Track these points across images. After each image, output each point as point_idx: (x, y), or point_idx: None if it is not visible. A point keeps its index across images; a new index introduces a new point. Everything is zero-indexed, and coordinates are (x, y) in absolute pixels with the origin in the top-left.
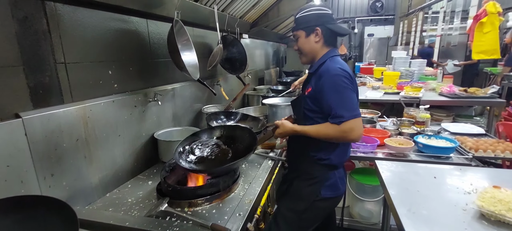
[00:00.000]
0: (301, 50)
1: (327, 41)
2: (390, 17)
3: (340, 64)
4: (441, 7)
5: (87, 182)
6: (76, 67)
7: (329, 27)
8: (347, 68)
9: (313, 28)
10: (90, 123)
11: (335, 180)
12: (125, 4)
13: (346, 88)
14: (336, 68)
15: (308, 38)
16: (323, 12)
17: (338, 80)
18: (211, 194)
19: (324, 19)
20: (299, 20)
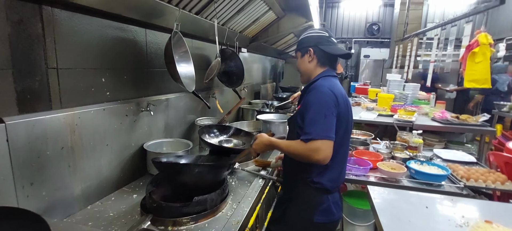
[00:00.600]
0: (299, 70)
1: (321, 61)
2: (386, 40)
3: (330, 85)
4: (435, 35)
5: (68, 192)
6: (68, 73)
7: (321, 48)
8: (338, 90)
9: (306, 49)
10: (77, 131)
11: (329, 205)
12: (125, 13)
13: (325, 108)
14: (324, 86)
15: (302, 59)
16: (318, 34)
17: (321, 98)
18: (197, 213)
19: (317, 40)
20: (298, 42)
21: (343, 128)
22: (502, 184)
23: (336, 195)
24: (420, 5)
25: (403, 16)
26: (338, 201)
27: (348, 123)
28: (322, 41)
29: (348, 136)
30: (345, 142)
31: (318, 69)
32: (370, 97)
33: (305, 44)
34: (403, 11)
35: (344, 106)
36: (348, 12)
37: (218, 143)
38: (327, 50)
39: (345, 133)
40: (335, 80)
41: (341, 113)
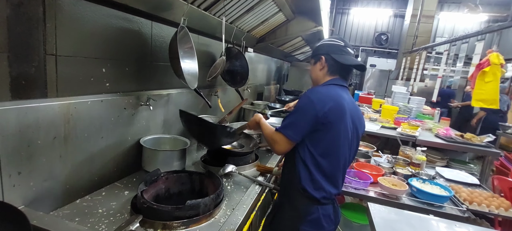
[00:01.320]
0: (311, 78)
1: (331, 70)
2: (393, 51)
3: (324, 91)
4: (445, 50)
5: (57, 184)
6: (67, 61)
7: (333, 57)
8: (334, 97)
9: (319, 57)
10: (72, 121)
11: (318, 217)
12: (132, 4)
13: (300, 110)
14: (314, 91)
15: (315, 66)
16: (332, 43)
17: (302, 100)
18: (189, 217)
19: (331, 49)
20: (313, 50)
21: (330, 135)
22: (506, 211)
23: (328, 208)
24: (430, 19)
25: (413, 29)
26: (331, 215)
27: (343, 132)
28: (335, 50)
29: (343, 147)
30: (336, 152)
31: (327, 77)
32: (373, 107)
33: (318, 51)
34: (413, 23)
35: (337, 114)
36: (358, 20)
37: None
38: (339, 59)
39: (336, 140)
40: (339, 88)
41: (329, 119)
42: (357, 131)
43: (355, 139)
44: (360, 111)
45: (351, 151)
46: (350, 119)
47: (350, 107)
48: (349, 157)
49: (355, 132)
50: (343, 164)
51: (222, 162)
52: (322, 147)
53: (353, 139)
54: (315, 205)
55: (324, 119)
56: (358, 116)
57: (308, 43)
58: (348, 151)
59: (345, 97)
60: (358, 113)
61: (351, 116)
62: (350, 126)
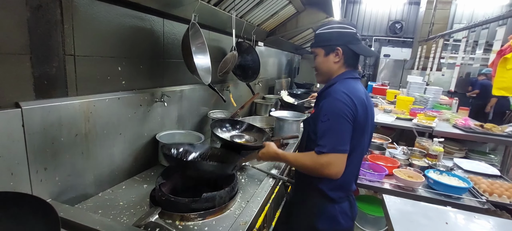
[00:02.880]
0: (318, 69)
1: (347, 62)
2: (408, 40)
3: (347, 89)
4: (463, 37)
5: (81, 179)
6: (85, 60)
7: (351, 48)
8: (356, 94)
9: (333, 48)
10: (92, 119)
11: (335, 214)
12: (144, 2)
13: (340, 117)
14: (341, 92)
15: (327, 58)
16: (347, 31)
17: (336, 106)
18: (205, 209)
19: (347, 38)
20: (319, 36)
21: (358, 133)
22: None
23: (345, 205)
24: (448, 5)
25: (429, 16)
26: (348, 211)
27: (366, 127)
28: (351, 39)
29: (364, 141)
30: (359, 147)
31: (342, 69)
32: (388, 98)
33: (332, 41)
34: (429, 10)
35: (362, 111)
36: (370, 9)
37: (229, 138)
38: (358, 50)
39: (361, 136)
40: (355, 82)
41: (358, 118)
42: (373, 123)
43: (369, 132)
44: (372, 102)
45: (367, 144)
46: (370, 114)
47: (368, 102)
48: (365, 149)
49: (371, 124)
50: (362, 157)
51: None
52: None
53: (369, 132)
54: (331, 203)
55: (355, 116)
56: (372, 107)
57: None
58: (367, 146)
59: (362, 91)
60: (372, 105)
61: (370, 110)
62: (370, 121)
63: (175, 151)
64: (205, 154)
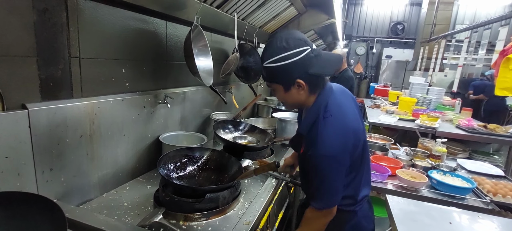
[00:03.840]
0: (284, 103)
1: (312, 87)
2: (410, 41)
3: (336, 128)
4: (466, 37)
5: (85, 179)
6: (90, 62)
7: (311, 73)
8: (347, 126)
9: (293, 81)
10: (96, 120)
11: (358, 220)
12: (147, 5)
13: (331, 173)
14: (325, 144)
15: (289, 92)
16: (300, 57)
17: (324, 165)
18: (209, 210)
19: (304, 64)
20: (270, 70)
21: (358, 159)
22: None
23: (364, 208)
24: (450, 5)
25: (431, 16)
26: (368, 213)
27: (363, 146)
28: (310, 62)
29: (365, 155)
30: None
31: (311, 97)
32: (390, 99)
33: (288, 75)
34: (431, 11)
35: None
36: (372, 10)
37: (232, 139)
38: (320, 71)
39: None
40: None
41: (354, 151)
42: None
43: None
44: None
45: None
46: (362, 127)
47: (353, 111)
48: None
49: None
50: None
51: (238, 157)
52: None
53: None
54: (350, 214)
55: (353, 155)
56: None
57: (321, 37)
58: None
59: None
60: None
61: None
62: (361, 131)
63: (172, 165)
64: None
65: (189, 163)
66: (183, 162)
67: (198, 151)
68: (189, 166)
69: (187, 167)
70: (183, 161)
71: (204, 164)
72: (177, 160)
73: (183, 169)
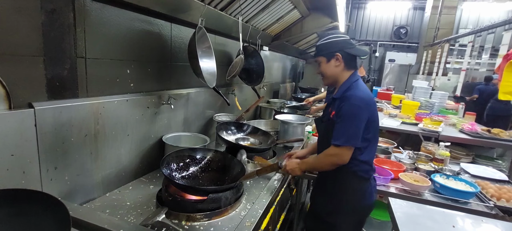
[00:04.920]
0: (323, 74)
1: (347, 64)
2: (413, 45)
3: (362, 92)
4: (469, 42)
5: (89, 178)
6: (96, 63)
7: (347, 52)
8: (368, 95)
9: (333, 54)
10: (101, 120)
11: (371, 190)
12: (153, 7)
13: (355, 119)
14: (357, 97)
15: (329, 63)
16: (341, 39)
17: (353, 111)
18: (211, 210)
19: (342, 44)
20: (319, 47)
21: (375, 124)
22: None
23: (373, 182)
24: (453, 10)
25: (434, 21)
26: (375, 186)
27: (376, 116)
28: (347, 45)
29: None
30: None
31: (345, 73)
32: (393, 103)
33: (331, 48)
34: (434, 15)
35: (375, 108)
36: (375, 14)
37: (234, 141)
38: (353, 52)
39: (377, 129)
40: (363, 83)
41: (373, 116)
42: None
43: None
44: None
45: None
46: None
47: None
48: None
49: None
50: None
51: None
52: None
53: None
54: (367, 182)
55: (371, 118)
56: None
57: None
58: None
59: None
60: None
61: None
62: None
63: (175, 165)
64: (207, 160)
65: (192, 164)
66: (186, 163)
67: (200, 152)
68: (192, 166)
69: (190, 168)
70: (186, 162)
71: (206, 165)
72: (180, 161)
73: (186, 170)
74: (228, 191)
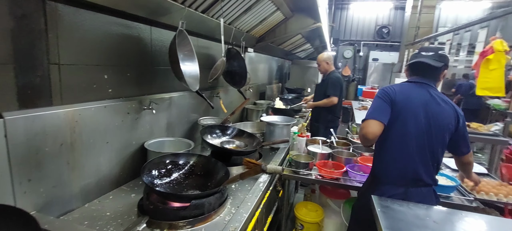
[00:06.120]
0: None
1: (410, 73)
2: (396, 44)
3: (396, 84)
4: (448, 40)
5: (66, 189)
6: (70, 69)
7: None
8: (399, 87)
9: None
10: (77, 128)
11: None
12: (130, 10)
13: (378, 98)
14: (389, 86)
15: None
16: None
17: (378, 92)
18: (194, 216)
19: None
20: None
21: (400, 119)
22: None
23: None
24: (432, 9)
25: (414, 20)
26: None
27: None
28: (410, 58)
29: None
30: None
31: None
32: None
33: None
34: (414, 14)
35: (402, 102)
36: (358, 14)
37: (220, 144)
38: (409, 63)
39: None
40: (408, 84)
41: (396, 105)
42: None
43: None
44: (442, 105)
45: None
46: (423, 108)
47: (421, 99)
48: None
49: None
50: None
51: (226, 162)
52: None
53: (429, 129)
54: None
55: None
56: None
57: (309, 40)
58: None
59: (417, 90)
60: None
61: (424, 106)
62: (423, 114)
63: (156, 172)
64: (191, 165)
65: (175, 170)
66: (168, 169)
67: (183, 157)
68: (174, 172)
69: (173, 174)
70: (168, 168)
71: (190, 170)
72: (162, 167)
73: (168, 176)
74: (211, 196)
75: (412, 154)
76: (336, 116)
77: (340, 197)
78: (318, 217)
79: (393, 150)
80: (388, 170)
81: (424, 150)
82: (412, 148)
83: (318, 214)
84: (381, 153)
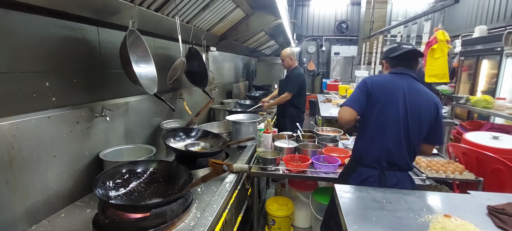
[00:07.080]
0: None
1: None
2: (354, 38)
3: (376, 76)
4: (398, 32)
5: (8, 212)
6: (3, 78)
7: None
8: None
9: (381, 62)
10: (16, 143)
11: (360, 175)
12: (71, 11)
13: (357, 88)
14: (368, 77)
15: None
16: (387, 49)
17: (360, 82)
18: (156, 226)
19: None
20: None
21: (377, 108)
22: (460, 174)
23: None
24: (384, 4)
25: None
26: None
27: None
28: (390, 52)
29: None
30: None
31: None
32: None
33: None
34: (369, 9)
35: (381, 92)
36: (318, 11)
37: (184, 147)
38: (392, 55)
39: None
40: (391, 75)
41: (374, 95)
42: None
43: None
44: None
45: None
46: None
47: (402, 89)
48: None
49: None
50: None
51: (191, 165)
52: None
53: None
54: (358, 166)
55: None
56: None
57: (273, 37)
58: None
59: (398, 81)
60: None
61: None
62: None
63: (111, 183)
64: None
65: (133, 178)
66: (125, 179)
67: (142, 164)
68: (132, 181)
69: (131, 183)
70: (125, 177)
71: (150, 178)
72: (118, 177)
73: (126, 186)
74: (173, 203)
75: (389, 140)
76: (301, 110)
77: (308, 188)
78: (288, 211)
79: (371, 135)
80: (366, 154)
81: (400, 138)
82: (389, 135)
83: (289, 207)
84: (362, 137)
